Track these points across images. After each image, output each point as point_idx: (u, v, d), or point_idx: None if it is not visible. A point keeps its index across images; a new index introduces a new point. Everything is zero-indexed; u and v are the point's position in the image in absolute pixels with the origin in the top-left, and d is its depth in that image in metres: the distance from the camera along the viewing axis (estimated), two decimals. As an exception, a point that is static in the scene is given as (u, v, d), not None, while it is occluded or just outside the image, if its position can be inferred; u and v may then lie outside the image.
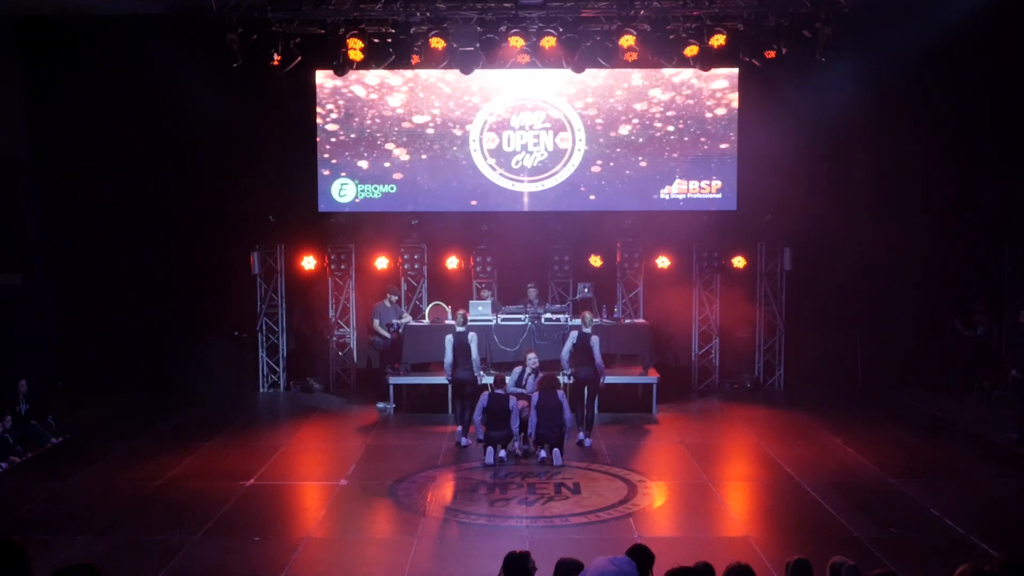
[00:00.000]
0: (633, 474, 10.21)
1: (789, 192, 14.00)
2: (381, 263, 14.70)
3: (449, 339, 11.72)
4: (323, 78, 14.13)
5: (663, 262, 14.66)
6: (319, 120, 14.29)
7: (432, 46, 12.13)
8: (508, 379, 11.41)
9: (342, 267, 14.84)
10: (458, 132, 14.40)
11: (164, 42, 13.27)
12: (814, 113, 13.59)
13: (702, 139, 14.35)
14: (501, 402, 10.68)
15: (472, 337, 11.71)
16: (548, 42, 12.23)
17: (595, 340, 11.58)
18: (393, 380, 13.30)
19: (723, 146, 14.33)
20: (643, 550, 5.40)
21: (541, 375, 11.20)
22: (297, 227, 14.65)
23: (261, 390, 14.92)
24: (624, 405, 13.18)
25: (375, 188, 14.47)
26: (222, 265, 14.53)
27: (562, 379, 11.53)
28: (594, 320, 12.07)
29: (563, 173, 14.43)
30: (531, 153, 14.40)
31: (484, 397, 10.76)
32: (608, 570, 5.16)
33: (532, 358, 11.78)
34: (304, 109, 14.21)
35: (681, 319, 15.00)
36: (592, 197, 14.46)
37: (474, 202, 14.52)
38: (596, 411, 11.96)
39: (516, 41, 12.21)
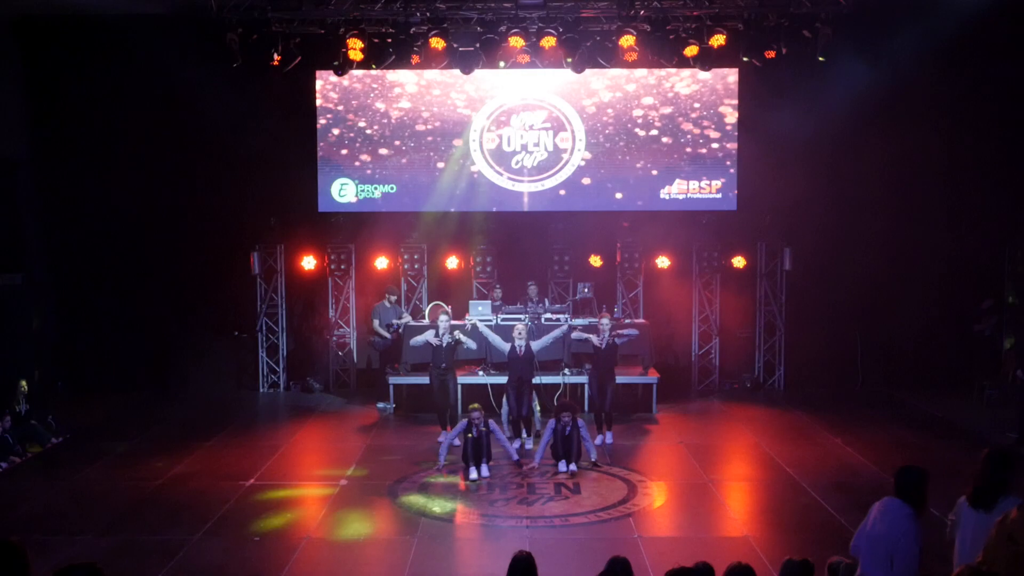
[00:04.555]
0: (633, 474, 10.22)
1: (789, 192, 13.99)
2: (381, 263, 14.70)
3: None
4: (323, 78, 14.14)
5: (663, 262, 14.66)
6: (319, 120, 14.30)
7: (432, 46, 12.13)
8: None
9: (342, 267, 14.84)
10: (458, 132, 14.39)
11: (164, 42, 13.28)
12: (814, 113, 13.57)
13: (702, 139, 14.35)
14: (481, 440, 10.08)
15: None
16: (548, 42, 12.24)
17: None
18: (393, 380, 13.29)
19: (723, 146, 14.32)
20: (907, 472, 5.15)
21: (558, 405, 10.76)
22: (297, 227, 14.65)
23: (261, 390, 14.92)
24: (624, 405, 13.16)
25: (375, 188, 14.47)
26: (222, 265, 14.50)
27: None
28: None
29: (563, 173, 14.42)
30: (531, 153, 14.40)
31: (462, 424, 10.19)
32: (893, 514, 4.96)
33: (520, 329, 11.44)
34: (304, 109, 14.21)
35: (681, 319, 15.00)
36: (592, 197, 14.45)
37: (474, 202, 14.51)
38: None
39: (516, 41, 12.22)
